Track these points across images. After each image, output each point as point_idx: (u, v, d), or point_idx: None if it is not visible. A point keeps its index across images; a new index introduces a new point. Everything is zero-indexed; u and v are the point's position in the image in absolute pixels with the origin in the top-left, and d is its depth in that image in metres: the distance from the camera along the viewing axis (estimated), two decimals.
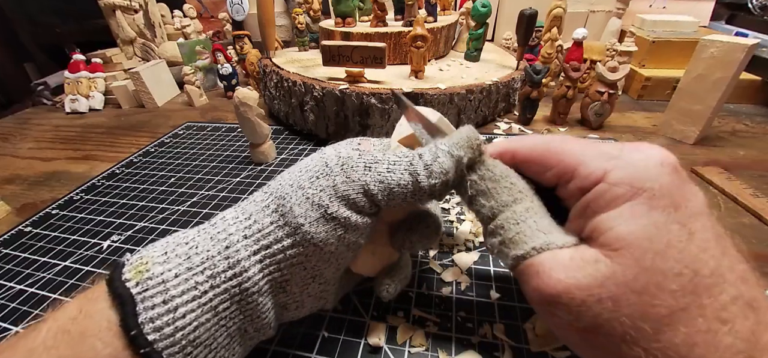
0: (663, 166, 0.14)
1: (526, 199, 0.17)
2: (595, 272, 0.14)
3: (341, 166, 0.18)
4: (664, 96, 0.60)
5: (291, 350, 0.22)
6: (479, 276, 0.27)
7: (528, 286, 0.16)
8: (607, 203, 0.14)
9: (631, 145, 0.15)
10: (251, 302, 0.17)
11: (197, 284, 0.15)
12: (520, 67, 0.54)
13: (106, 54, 0.80)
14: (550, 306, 0.15)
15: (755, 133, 0.49)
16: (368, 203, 0.17)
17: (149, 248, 0.17)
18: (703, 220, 0.13)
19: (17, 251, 0.33)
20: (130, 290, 0.15)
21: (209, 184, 0.41)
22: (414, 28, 0.44)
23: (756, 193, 0.35)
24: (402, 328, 0.23)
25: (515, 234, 0.16)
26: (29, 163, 0.52)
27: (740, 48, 0.39)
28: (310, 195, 0.17)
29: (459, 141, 0.18)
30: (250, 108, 0.40)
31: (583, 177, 0.15)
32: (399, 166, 0.18)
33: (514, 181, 0.18)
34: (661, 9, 0.76)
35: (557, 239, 0.15)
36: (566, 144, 0.17)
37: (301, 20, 0.61)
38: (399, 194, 0.17)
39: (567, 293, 0.14)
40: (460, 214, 0.34)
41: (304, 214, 0.17)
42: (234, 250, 0.16)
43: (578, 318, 0.14)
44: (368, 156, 0.18)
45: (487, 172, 0.18)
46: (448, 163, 0.18)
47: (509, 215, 0.17)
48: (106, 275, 0.16)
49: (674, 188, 0.14)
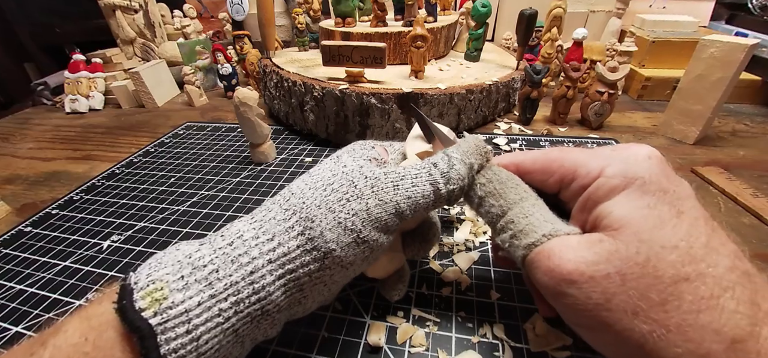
0: (650, 159, 0.16)
1: (531, 197, 0.19)
2: (601, 249, 0.15)
3: (371, 188, 0.18)
4: (664, 96, 0.60)
5: (291, 350, 0.22)
6: (479, 276, 0.27)
7: (539, 271, 0.17)
8: (605, 193, 0.16)
9: (621, 145, 0.18)
10: (269, 319, 0.17)
11: (221, 311, 0.15)
12: (520, 67, 0.54)
13: (106, 54, 0.80)
14: (561, 287, 0.15)
15: (755, 133, 0.49)
16: (397, 221, 0.18)
17: (157, 268, 0.15)
18: (691, 202, 0.15)
19: (17, 251, 0.33)
20: (149, 321, 0.14)
21: (209, 184, 0.41)
22: (414, 28, 0.44)
23: (756, 193, 0.35)
24: (402, 328, 0.23)
25: (525, 226, 0.18)
26: (29, 163, 0.52)
27: (740, 48, 0.39)
28: (342, 220, 0.17)
29: (469, 149, 0.20)
30: (250, 108, 0.40)
31: (583, 175, 0.17)
32: (421, 179, 0.19)
33: (518, 182, 0.20)
34: (661, 9, 0.76)
35: (564, 227, 0.17)
36: (564, 152, 0.19)
37: (301, 20, 0.61)
38: (423, 205, 0.19)
39: (577, 270, 0.15)
40: (460, 214, 0.34)
41: (337, 239, 0.17)
42: (259, 275, 0.16)
43: (589, 295, 0.15)
44: (393, 175, 0.19)
45: (494, 176, 0.20)
46: (464, 171, 0.19)
47: (518, 211, 0.18)
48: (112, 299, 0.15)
49: (662, 176, 0.16)
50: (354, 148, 0.22)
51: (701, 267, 0.13)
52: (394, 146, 0.25)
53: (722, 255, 0.14)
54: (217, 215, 0.36)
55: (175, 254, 0.16)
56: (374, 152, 0.22)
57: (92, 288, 0.28)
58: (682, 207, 0.15)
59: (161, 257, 0.16)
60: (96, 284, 0.29)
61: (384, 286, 0.24)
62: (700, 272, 0.13)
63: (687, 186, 0.16)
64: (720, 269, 0.13)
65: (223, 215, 0.36)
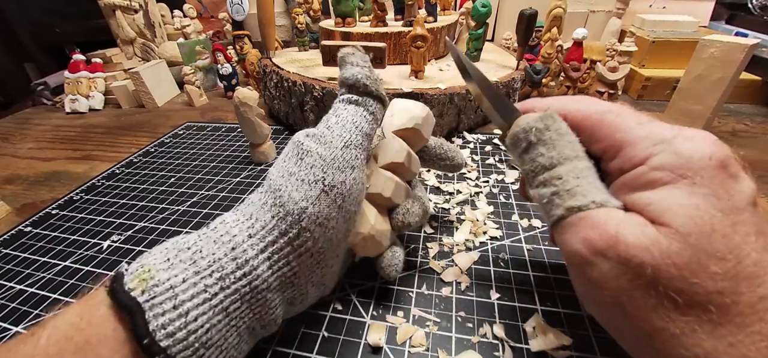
0: (711, 160, 0.14)
1: (585, 159, 0.17)
2: (643, 235, 0.14)
3: (317, 141, 0.19)
4: (664, 96, 0.60)
5: (291, 350, 0.22)
6: (479, 276, 0.27)
7: (575, 237, 0.16)
8: (643, 184, 0.15)
9: (686, 132, 0.15)
10: (260, 299, 0.17)
11: (207, 287, 0.16)
12: (520, 67, 0.54)
13: (106, 54, 0.80)
14: (596, 257, 0.15)
15: (755, 133, 0.49)
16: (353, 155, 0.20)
17: (147, 256, 0.16)
18: (746, 215, 0.14)
19: (17, 251, 0.33)
20: (137, 299, 0.14)
21: (209, 184, 0.41)
22: (414, 28, 0.44)
23: None
24: (402, 328, 0.23)
25: (575, 186, 0.16)
26: (29, 163, 0.52)
27: (740, 48, 0.39)
28: (303, 176, 0.18)
29: (356, 58, 0.23)
30: (250, 108, 0.40)
31: (626, 159, 0.16)
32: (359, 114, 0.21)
33: (574, 140, 0.18)
34: (661, 9, 0.76)
35: (613, 200, 0.16)
36: (621, 119, 0.17)
37: (301, 20, 0.61)
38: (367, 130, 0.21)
39: (618, 245, 0.14)
40: (460, 214, 0.34)
41: (305, 195, 0.17)
42: (241, 250, 0.17)
43: (618, 275, 0.14)
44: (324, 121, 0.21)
45: (553, 124, 0.18)
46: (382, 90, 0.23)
47: (570, 168, 0.17)
48: (105, 285, 0.16)
49: (717, 181, 0.14)
50: None
51: (740, 287, 0.13)
52: None
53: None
54: (217, 215, 0.36)
55: (164, 244, 0.17)
56: None
57: (92, 288, 0.28)
58: (735, 218, 0.13)
59: (153, 249, 0.17)
60: (96, 284, 0.29)
61: (379, 265, 0.24)
62: (736, 291, 0.13)
63: (746, 195, 0.14)
64: (761, 292, 0.13)
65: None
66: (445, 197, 0.36)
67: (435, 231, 0.32)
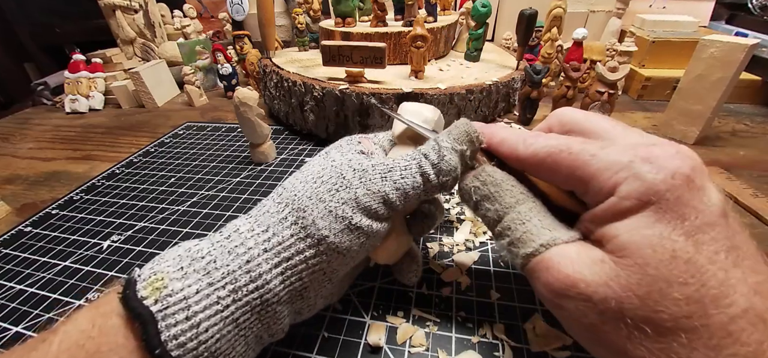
0: (674, 178, 0.13)
1: (528, 199, 0.18)
2: (601, 271, 0.14)
3: (359, 179, 0.19)
4: (664, 96, 0.60)
5: (291, 350, 0.22)
6: (479, 276, 0.27)
7: (538, 282, 0.16)
8: (614, 214, 0.14)
9: (643, 152, 0.14)
10: (270, 311, 0.17)
11: (219, 299, 0.16)
12: (520, 67, 0.54)
13: (106, 54, 0.80)
14: (559, 299, 0.15)
15: (755, 133, 0.49)
16: (387, 210, 0.19)
17: (160, 262, 0.16)
18: (715, 231, 0.13)
19: (17, 251, 0.33)
20: (150, 309, 0.14)
21: (209, 184, 0.41)
22: (414, 28, 0.44)
23: (756, 193, 0.35)
24: (402, 328, 0.23)
25: (523, 233, 0.17)
26: (29, 163, 0.52)
27: (740, 48, 0.39)
28: (332, 208, 0.18)
29: (459, 136, 0.20)
30: (250, 108, 0.40)
31: (595, 193, 0.15)
32: (410, 170, 0.19)
33: (513, 184, 0.18)
34: (661, 9, 0.76)
35: (563, 234, 0.16)
36: (574, 155, 0.16)
37: (301, 20, 0.61)
38: (413, 196, 0.19)
39: (575, 287, 0.14)
40: (460, 214, 0.34)
41: (328, 226, 0.18)
42: (255, 264, 0.17)
43: (585, 313, 0.14)
44: (381, 166, 0.19)
45: (488, 178, 0.19)
46: (455, 160, 0.19)
47: (514, 216, 0.17)
48: (118, 291, 0.16)
49: (682, 200, 0.13)
50: (341, 144, 0.23)
51: (708, 309, 0.12)
52: (378, 136, 0.25)
53: (739, 295, 0.12)
54: (217, 215, 0.36)
55: (177, 250, 0.17)
56: (361, 147, 0.22)
57: (92, 288, 0.28)
58: (701, 238, 0.13)
59: (165, 253, 0.17)
60: (96, 284, 0.29)
61: (399, 271, 0.25)
62: (704, 313, 0.12)
63: (714, 209, 0.13)
64: (732, 311, 0.12)
65: (223, 215, 0.36)
66: (445, 197, 0.36)
67: (435, 231, 0.32)
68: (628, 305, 0.13)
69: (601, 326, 0.14)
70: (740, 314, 0.12)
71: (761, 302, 0.12)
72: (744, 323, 0.12)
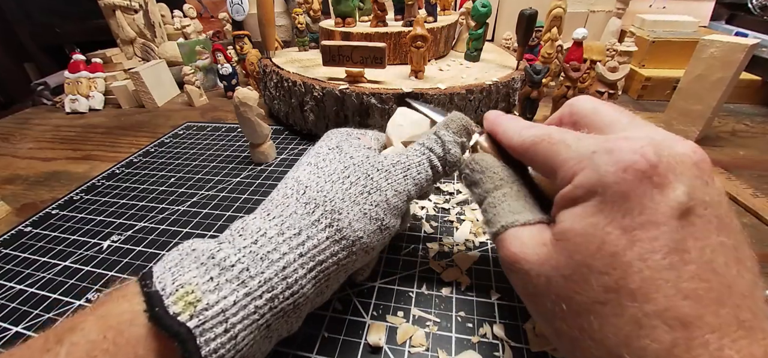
0: (626, 172, 0.13)
1: (504, 185, 0.20)
2: (540, 252, 0.16)
3: (386, 180, 0.20)
4: (664, 96, 0.60)
5: (291, 350, 0.22)
6: (479, 276, 0.27)
7: (499, 255, 0.19)
8: (566, 201, 0.15)
9: (610, 143, 0.14)
10: (298, 312, 0.18)
11: (257, 309, 0.16)
12: (520, 67, 0.54)
13: (106, 54, 0.80)
14: (508, 271, 0.18)
15: (755, 133, 0.49)
16: (406, 205, 0.21)
17: (181, 271, 0.15)
18: (658, 231, 0.13)
19: (17, 251, 0.33)
20: (187, 325, 0.14)
21: (209, 184, 0.41)
22: (414, 28, 0.44)
23: (756, 193, 0.35)
24: (402, 328, 0.23)
25: (492, 216, 0.19)
26: (29, 164, 0.52)
27: (740, 48, 0.39)
28: (367, 211, 0.19)
29: (458, 129, 0.23)
30: (250, 108, 0.40)
31: (560, 178, 0.16)
32: (423, 165, 0.22)
33: (496, 171, 0.20)
34: (661, 9, 0.76)
35: (522, 217, 0.18)
36: (555, 145, 0.16)
37: (301, 20, 0.61)
38: (426, 187, 0.22)
39: (517, 262, 0.17)
40: (460, 214, 0.34)
41: (364, 228, 0.19)
42: (291, 269, 0.17)
43: (525, 285, 0.17)
44: (401, 165, 0.21)
45: (476, 165, 0.21)
46: (459, 152, 0.22)
47: (490, 200, 0.20)
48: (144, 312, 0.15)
49: (628, 195, 0.13)
50: (343, 136, 0.24)
51: (623, 301, 0.13)
52: (368, 134, 0.26)
53: (662, 295, 0.12)
54: (217, 215, 0.36)
55: (192, 254, 0.16)
56: (363, 142, 0.24)
57: (92, 288, 0.28)
58: (639, 235, 0.13)
59: (178, 260, 0.16)
60: (96, 284, 0.29)
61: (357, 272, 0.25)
62: (619, 304, 0.13)
63: (666, 209, 0.13)
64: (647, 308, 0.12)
65: (223, 215, 0.36)
66: (445, 197, 0.36)
67: (435, 231, 0.32)
68: (554, 284, 0.15)
69: (535, 297, 0.16)
70: (655, 313, 0.12)
71: (689, 307, 0.12)
72: (658, 322, 0.12)
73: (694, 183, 0.13)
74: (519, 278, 0.17)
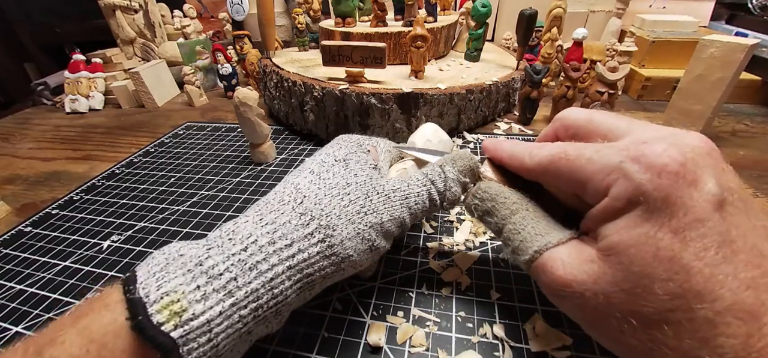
0: (661, 177, 0.13)
1: (520, 209, 0.19)
2: (590, 270, 0.15)
3: (384, 205, 0.20)
4: (664, 96, 0.60)
5: (291, 350, 0.22)
6: (479, 276, 0.27)
7: (540, 283, 0.18)
8: (607, 215, 0.15)
9: (634, 150, 0.14)
10: (280, 316, 0.18)
11: (241, 318, 0.16)
12: (520, 67, 0.54)
13: (106, 54, 0.80)
14: (557, 298, 0.17)
15: (755, 133, 0.49)
16: (399, 231, 0.21)
17: (167, 278, 0.15)
18: (705, 227, 0.13)
19: (17, 251, 0.33)
20: (170, 335, 0.14)
21: (209, 184, 0.41)
22: (414, 28, 0.44)
23: (756, 193, 0.35)
24: (402, 328, 0.23)
25: (519, 243, 0.18)
26: (29, 164, 0.52)
27: (740, 48, 0.39)
28: (360, 231, 0.19)
29: (464, 169, 0.22)
30: (250, 108, 0.40)
31: (592, 194, 0.16)
32: (422, 197, 0.22)
33: (507, 195, 0.20)
34: (661, 9, 0.76)
35: (553, 237, 0.17)
36: (572, 160, 0.16)
37: (301, 20, 0.61)
38: (421, 217, 0.22)
39: (568, 286, 0.16)
40: (460, 214, 0.34)
41: (355, 247, 0.19)
42: (278, 281, 0.17)
43: (581, 307, 0.16)
44: (400, 192, 0.21)
45: (485, 195, 0.21)
46: (459, 192, 0.22)
47: (511, 227, 0.19)
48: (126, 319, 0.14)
49: (670, 198, 0.13)
50: (349, 147, 0.23)
51: (692, 304, 0.13)
52: (380, 145, 0.26)
53: (727, 289, 0.13)
54: (217, 215, 0.36)
55: (179, 260, 0.16)
56: (370, 157, 0.24)
57: (92, 288, 0.28)
58: (689, 235, 0.13)
59: (164, 264, 0.16)
60: (96, 284, 0.29)
61: None
62: (688, 308, 0.13)
63: (704, 205, 0.13)
64: (717, 306, 0.13)
65: (223, 215, 0.36)
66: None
67: (435, 231, 0.32)
68: (616, 301, 0.14)
69: (596, 318, 0.15)
70: (726, 310, 0.13)
71: (752, 296, 0.13)
72: (730, 318, 0.13)
73: (717, 172, 0.14)
74: (572, 303, 0.16)
